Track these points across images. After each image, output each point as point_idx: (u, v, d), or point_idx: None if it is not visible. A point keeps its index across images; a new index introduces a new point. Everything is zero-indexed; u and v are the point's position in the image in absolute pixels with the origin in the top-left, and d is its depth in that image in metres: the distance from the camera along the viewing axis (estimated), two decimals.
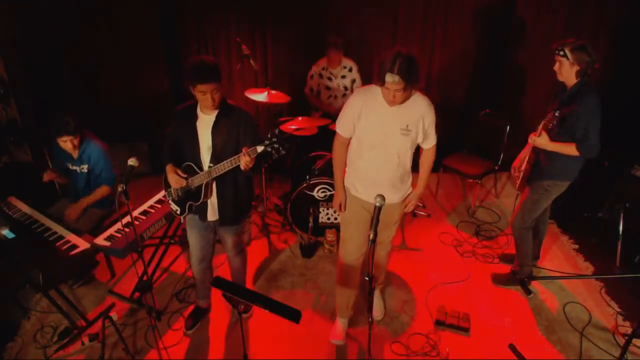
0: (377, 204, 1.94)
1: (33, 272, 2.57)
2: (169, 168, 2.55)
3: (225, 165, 2.38)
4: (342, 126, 2.49)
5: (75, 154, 3.16)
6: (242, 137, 2.45)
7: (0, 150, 4.02)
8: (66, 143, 3.06)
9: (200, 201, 2.56)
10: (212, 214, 2.64)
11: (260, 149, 2.24)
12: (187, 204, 2.62)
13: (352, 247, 2.70)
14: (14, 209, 3.15)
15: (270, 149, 2.24)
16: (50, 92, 4.44)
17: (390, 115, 2.34)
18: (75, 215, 3.16)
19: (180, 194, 2.62)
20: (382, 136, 2.37)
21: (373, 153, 2.42)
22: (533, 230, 3.18)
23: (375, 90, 2.31)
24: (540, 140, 2.82)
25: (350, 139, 2.51)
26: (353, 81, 4.23)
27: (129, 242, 2.73)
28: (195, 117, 2.46)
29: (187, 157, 2.52)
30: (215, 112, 2.44)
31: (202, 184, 2.51)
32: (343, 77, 4.19)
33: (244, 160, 2.27)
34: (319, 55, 4.19)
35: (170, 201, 2.71)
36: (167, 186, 2.64)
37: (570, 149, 2.70)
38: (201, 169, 2.49)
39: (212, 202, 2.61)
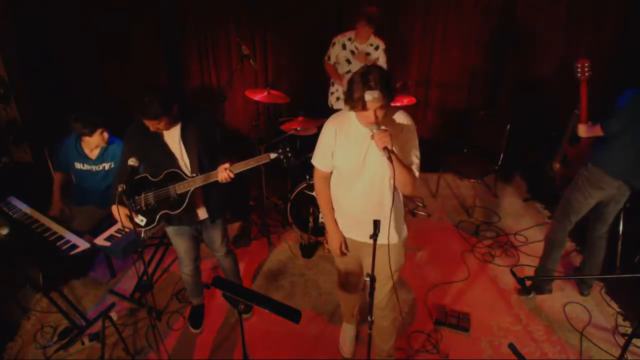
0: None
1: (33, 272, 2.58)
2: (121, 209, 2.27)
3: (212, 176, 2.32)
4: (319, 159, 2.24)
5: (94, 153, 3.09)
6: (216, 138, 2.42)
7: (0, 150, 4.01)
8: (99, 137, 2.94)
9: (180, 210, 2.38)
10: (203, 213, 2.57)
11: (273, 156, 2.29)
12: (159, 214, 2.41)
13: (345, 279, 2.59)
14: (14, 209, 3.15)
15: (282, 157, 2.31)
16: (50, 92, 4.44)
17: (367, 137, 2.03)
18: None
19: (152, 202, 2.41)
20: (361, 162, 2.10)
21: (355, 184, 2.15)
22: (589, 245, 3.16)
23: (347, 114, 2.11)
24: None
25: (331, 172, 2.27)
26: (376, 59, 3.99)
27: (129, 242, 2.73)
28: (159, 133, 2.33)
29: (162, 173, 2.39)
30: (178, 123, 2.35)
31: (187, 191, 2.36)
32: (367, 54, 3.97)
33: (222, 176, 2.30)
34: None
35: (131, 214, 2.31)
36: (128, 197, 2.26)
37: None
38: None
39: (198, 202, 2.52)
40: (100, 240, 2.84)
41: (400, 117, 2.11)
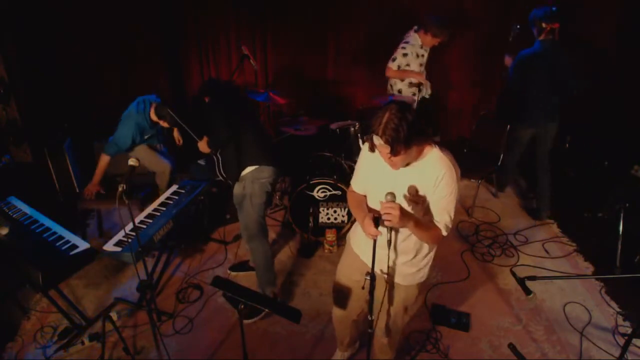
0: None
1: (33, 272, 2.57)
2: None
3: None
4: (357, 182, 2.13)
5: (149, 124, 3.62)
6: None
7: (0, 150, 4.01)
8: (166, 127, 3.62)
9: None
10: None
11: None
12: None
13: (340, 307, 2.41)
14: (14, 209, 3.15)
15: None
16: (51, 92, 4.45)
17: (397, 175, 1.85)
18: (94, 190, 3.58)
19: None
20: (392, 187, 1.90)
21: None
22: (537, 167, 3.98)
23: None
24: None
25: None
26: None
27: (141, 245, 2.55)
28: None
29: None
30: None
31: None
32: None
33: None
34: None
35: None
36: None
37: None
38: None
39: None
40: (109, 247, 2.71)
41: (437, 167, 1.80)
